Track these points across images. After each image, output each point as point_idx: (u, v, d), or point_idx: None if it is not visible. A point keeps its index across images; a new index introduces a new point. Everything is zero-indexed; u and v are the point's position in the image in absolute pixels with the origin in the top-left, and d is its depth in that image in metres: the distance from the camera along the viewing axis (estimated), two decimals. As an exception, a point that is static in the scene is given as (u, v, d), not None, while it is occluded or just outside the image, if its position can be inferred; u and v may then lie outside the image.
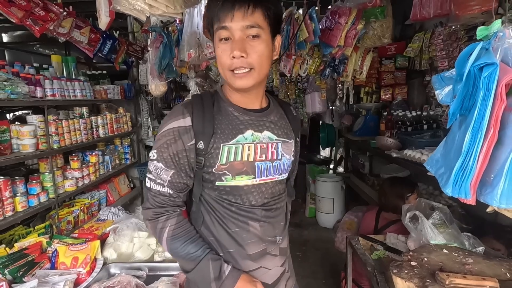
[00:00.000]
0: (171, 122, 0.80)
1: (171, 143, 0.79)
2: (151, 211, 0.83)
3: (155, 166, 0.81)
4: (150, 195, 0.83)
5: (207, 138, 0.79)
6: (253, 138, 0.83)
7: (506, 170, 0.53)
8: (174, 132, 0.79)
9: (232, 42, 0.76)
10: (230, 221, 0.84)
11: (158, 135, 0.82)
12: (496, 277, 0.97)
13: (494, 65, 0.53)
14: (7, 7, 1.49)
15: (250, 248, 0.85)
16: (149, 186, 0.83)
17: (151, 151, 0.83)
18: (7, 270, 1.27)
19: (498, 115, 0.54)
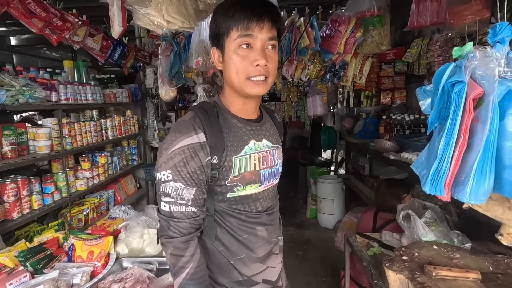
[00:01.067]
0: (183, 139, 0.77)
1: (188, 160, 0.76)
2: (178, 240, 0.77)
3: (173, 187, 0.77)
4: (172, 222, 0.78)
5: (220, 152, 0.79)
6: (256, 147, 0.86)
7: (474, 171, 0.62)
8: (190, 149, 0.76)
9: (254, 51, 0.79)
10: (239, 229, 0.86)
11: (168, 154, 0.77)
12: (480, 270, 1.06)
13: (463, 82, 0.63)
14: (29, 18, 1.60)
15: (259, 251, 0.89)
16: (168, 210, 0.78)
17: (161, 172, 0.77)
18: (29, 263, 1.37)
19: (467, 124, 0.63)
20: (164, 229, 0.80)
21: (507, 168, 0.61)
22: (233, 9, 0.79)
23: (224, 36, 0.81)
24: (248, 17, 0.77)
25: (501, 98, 0.61)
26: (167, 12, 0.87)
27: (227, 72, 0.83)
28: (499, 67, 0.63)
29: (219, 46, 0.84)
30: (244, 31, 0.78)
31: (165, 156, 0.78)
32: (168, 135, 0.80)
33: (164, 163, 0.78)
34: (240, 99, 0.86)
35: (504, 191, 0.63)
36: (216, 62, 0.87)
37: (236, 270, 0.87)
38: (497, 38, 0.68)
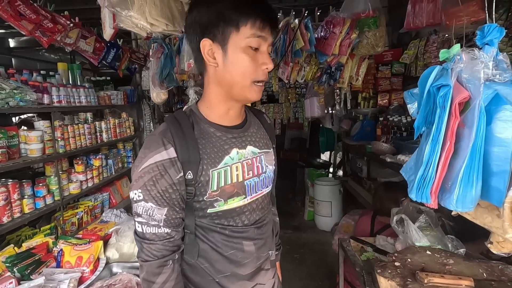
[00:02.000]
0: (152, 156, 0.71)
1: (157, 179, 0.71)
2: (150, 264, 0.73)
3: (144, 208, 0.72)
4: (145, 244, 0.73)
5: (194, 167, 0.73)
6: (238, 156, 0.79)
7: (460, 178, 0.60)
8: (158, 166, 0.71)
9: (262, 53, 0.74)
10: (224, 244, 0.80)
11: (138, 173, 0.72)
12: (474, 276, 1.03)
13: (448, 86, 0.60)
14: (18, 21, 1.59)
15: (246, 268, 0.83)
16: (141, 230, 0.73)
17: (133, 191, 0.73)
18: (16, 268, 1.35)
19: (453, 129, 0.61)
20: (138, 251, 0.76)
21: (494, 175, 0.59)
22: (247, 4, 0.72)
23: (230, 29, 0.71)
24: (264, 17, 0.72)
25: (488, 102, 0.59)
26: (150, 15, 0.86)
27: (229, 71, 0.74)
28: (486, 69, 0.61)
29: (217, 39, 0.73)
30: (259, 31, 0.72)
31: (136, 174, 0.73)
32: (140, 151, 0.75)
33: (135, 182, 0.73)
34: (226, 104, 0.79)
35: (492, 199, 0.61)
36: (206, 57, 0.75)
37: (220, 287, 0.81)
38: (485, 40, 0.65)
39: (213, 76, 0.78)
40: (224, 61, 0.74)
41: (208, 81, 0.80)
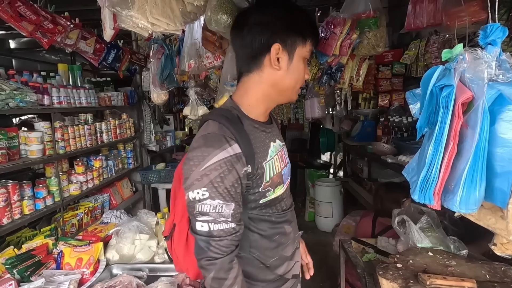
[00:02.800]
0: (217, 153, 0.72)
1: (225, 175, 0.73)
2: (222, 261, 0.73)
3: (212, 205, 0.72)
4: (213, 242, 0.73)
5: (253, 161, 0.78)
6: (275, 149, 0.86)
7: (464, 179, 0.60)
8: (226, 163, 0.72)
9: (306, 65, 0.85)
10: (271, 231, 0.86)
11: (201, 171, 0.72)
12: (476, 278, 1.03)
13: (451, 86, 0.60)
14: (18, 22, 1.58)
15: (289, 249, 0.91)
16: (207, 229, 0.73)
17: (194, 191, 0.73)
18: (16, 270, 1.34)
19: (457, 130, 0.60)
20: (203, 251, 0.74)
21: (498, 176, 0.58)
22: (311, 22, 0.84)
23: (299, 40, 0.80)
24: (317, 36, 0.86)
25: (491, 102, 0.59)
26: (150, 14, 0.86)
27: (289, 77, 0.82)
28: (489, 69, 0.61)
29: (286, 46, 0.80)
30: (312, 47, 0.83)
31: (197, 173, 0.73)
32: (196, 151, 0.75)
33: (197, 181, 0.73)
34: (268, 104, 0.87)
35: (495, 200, 0.60)
36: (273, 60, 0.79)
37: (270, 272, 0.88)
38: (488, 40, 0.65)
39: (268, 78, 0.83)
40: (288, 67, 0.82)
41: (257, 81, 0.83)
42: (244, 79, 0.85)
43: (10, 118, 2.93)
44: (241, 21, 0.84)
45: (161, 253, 1.57)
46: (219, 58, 1.75)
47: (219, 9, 1.13)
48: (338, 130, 4.38)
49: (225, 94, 1.78)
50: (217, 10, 1.13)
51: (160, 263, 1.53)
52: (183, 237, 0.89)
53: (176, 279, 1.33)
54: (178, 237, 0.91)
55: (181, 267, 0.97)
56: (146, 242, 1.64)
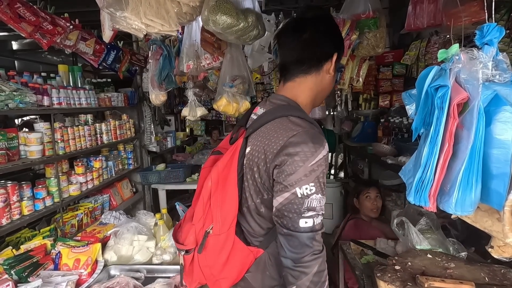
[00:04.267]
0: (322, 150, 0.75)
1: (325, 170, 0.77)
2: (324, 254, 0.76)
3: (317, 199, 0.74)
4: (317, 236, 0.74)
5: None
6: None
7: (459, 181, 0.59)
8: (326, 159, 0.77)
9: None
10: None
11: (310, 166, 0.73)
12: (475, 281, 1.02)
13: (446, 87, 0.59)
14: (18, 23, 1.59)
15: None
16: (312, 224, 0.73)
17: (303, 186, 0.73)
18: (14, 271, 1.34)
19: (452, 131, 0.60)
20: (307, 247, 0.73)
21: (494, 178, 0.58)
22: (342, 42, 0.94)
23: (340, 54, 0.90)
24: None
25: (487, 103, 0.58)
26: (145, 15, 0.85)
27: (331, 82, 0.91)
28: (485, 69, 0.60)
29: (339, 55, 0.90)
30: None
31: (305, 168, 0.73)
32: (301, 146, 0.74)
33: (306, 176, 0.73)
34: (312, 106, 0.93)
35: (491, 202, 0.59)
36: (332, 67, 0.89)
37: None
38: (485, 40, 0.64)
39: (322, 81, 0.90)
40: (334, 75, 0.91)
41: (315, 82, 0.89)
42: (301, 79, 0.89)
43: (12, 119, 2.94)
44: (304, 26, 0.89)
45: (159, 254, 1.56)
46: (217, 59, 1.75)
47: (217, 10, 1.13)
48: (339, 131, 4.37)
49: (223, 95, 1.78)
50: (215, 11, 1.12)
51: (158, 264, 1.53)
52: (228, 246, 0.83)
53: (173, 281, 1.33)
54: (222, 246, 0.83)
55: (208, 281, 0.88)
56: (145, 243, 1.64)
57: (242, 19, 1.15)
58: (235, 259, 0.84)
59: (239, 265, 0.84)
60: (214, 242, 0.83)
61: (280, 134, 0.77)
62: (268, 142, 0.78)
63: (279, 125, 0.80)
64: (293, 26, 0.91)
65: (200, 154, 3.91)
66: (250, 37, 1.24)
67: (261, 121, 0.84)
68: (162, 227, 1.71)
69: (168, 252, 1.57)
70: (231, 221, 0.82)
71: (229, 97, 1.71)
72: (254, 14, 1.20)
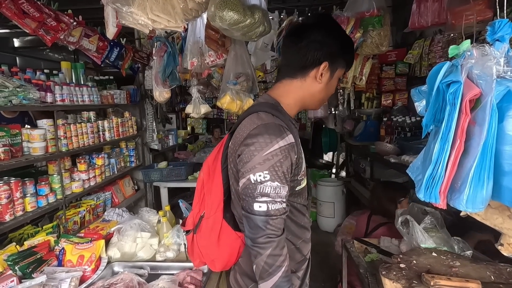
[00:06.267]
0: (278, 141, 0.82)
1: (283, 160, 0.82)
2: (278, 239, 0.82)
3: (271, 186, 0.81)
4: (270, 220, 0.81)
5: (298, 150, 0.89)
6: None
7: (471, 178, 0.58)
8: (285, 150, 0.83)
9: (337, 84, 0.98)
10: (299, 216, 0.98)
11: (264, 156, 0.81)
12: (481, 279, 1.01)
13: (458, 82, 0.59)
14: (22, 19, 1.58)
15: (308, 233, 1.03)
16: (265, 209, 0.81)
17: (256, 174, 0.81)
18: (18, 267, 1.35)
19: (464, 127, 0.59)
20: (260, 229, 0.81)
21: (506, 175, 0.57)
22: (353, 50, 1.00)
23: (342, 66, 0.95)
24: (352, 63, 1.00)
25: (499, 99, 0.57)
26: (151, 11, 0.85)
27: (324, 90, 0.95)
28: (497, 66, 0.59)
29: (332, 66, 0.93)
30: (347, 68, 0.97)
31: (260, 157, 0.82)
32: (257, 137, 0.83)
33: (260, 165, 0.82)
34: (300, 107, 0.99)
35: (503, 199, 0.59)
36: (319, 73, 0.92)
37: (299, 252, 0.98)
38: (496, 36, 0.64)
39: (309, 87, 0.95)
40: (327, 84, 0.95)
41: (299, 87, 0.95)
42: (287, 81, 0.96)
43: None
44: (300, 33, 0.94)
45: (162, 251, 1.56)
46: (221, 57, 1.75)
47: (224, 6, 1.12)
48: (341, 129, 4.37)
49: (227, 93, 1.77)
50: (222, 7, 1.12)
51: (161, 261, 1.53)
52: (216, 228, 0.94)
53: (177, 278, 1.33)
54: (211, 228, 0.95)
55: (206, 260, 1.01)
56: (148, 240, 1.64)
57: (249, 15, 1.14)
58: (225, 242, 0.95)
59: (228, 248, 0.95)
60: (205, 225, 0.96)
61: (246, 128, 0.87)
62: (237, 135, 0.89)
63: (249, 120, 0.89)
64: (291, 31, 0.99)
65: (201, 152, 3.91)
66: (256, 34, 1.24)
67: (242, 117, 0.94)
68: (165, 224, 1.71)
69: (171, 249, 1.57)
70: (217, 206, 0.94)
71: (233, 94, 1.71)
72: (261, 11, 1.19)
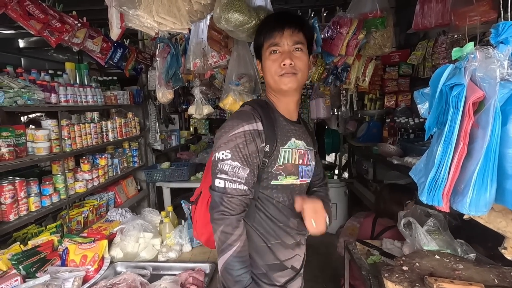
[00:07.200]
0: (244, 125, 0.88)
1: (247, 143, 0.87)
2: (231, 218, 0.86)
3: (231, 165, 0.87)
4: (225, 197, 0.87)
5: (272, 142, 0.91)
6: (295, 145, 0.98)
7: (474, 181, 0.58)
8: (250, 134, 0.88)
9: (281, 54, 0.94)
10: (277, 216, 0.97)
11: (229, 137, 0.88)
12: (484, 283, 1.01)
13: (462, 85, 0.59)
14: (27, 20, 1.60)
15: (290, 239, 1.00)
16: (223, 186, 0.87)
17: (220, 152, 0.88)
18: (22, 266, 1.36)
19: (467, 130, 0.59)
20: (217, 205, 0.88)
21: (510, 178, 0.57)
22: (263, 26, 1.01)
23: (261, 48, 0.99)
24: (271, 29, 0.95)
25: (503, 102, 0.57)
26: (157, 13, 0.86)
27: (265, 76, 0.99)
28: (501, 68, 0.59)
29: (259, 58, 1.02)
30: (272, 40, 0.95)
31: (226, 138, 0.89)
32: (228, 122, 0.91)
33: (224, 144, 0.88)
34: (283, 100, 1.00)
35: (507, 202, 0.58)
36: (260, 71, 1.03)
37: (272, 254, 0.97)
38: (500, 38, 0.63)
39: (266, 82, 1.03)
40: (263, 70, 1.01)
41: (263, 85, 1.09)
42: None
43: (18, 116, 2.96)
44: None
45: (164, 252, 1.57)
46: (224, 58, 1.75)
47: (230, 7, 1.12)
48: (343, 131, 4.36)
49: (230, 93, 1.78)
50: (228, 8, 1.12)
51: (163, 262, 1.53)
52: (205, 202, 1.02)
53: (179, 278, 1.33)
54: (202, 202, 1.05)
55: (197, 232, 1.10)
56: (150, 240, 1.64)
57: (254, 16, 1.15)
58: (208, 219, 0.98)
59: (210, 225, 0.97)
60: (201, 197, 1.07)
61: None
62: None
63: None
64: None
65: (204, 152, 3.92)
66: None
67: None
68: (168, 225, 1.71)
69: (174, 250, 1.58)
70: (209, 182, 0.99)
71: (236, 95, 1.71)
72: (266, 12, 1.20)
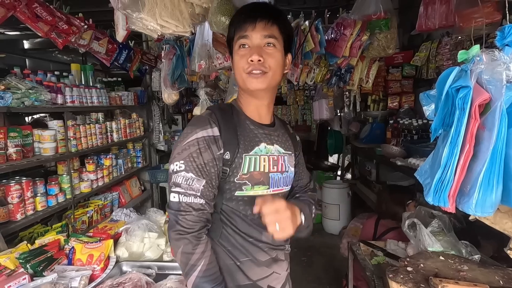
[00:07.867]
0: (198, 132, 0.80)
1: (201, 152, 0.79)
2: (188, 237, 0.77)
3: (185, 177, 0.78)
4: (180, 216, 0.77)
5: (233, 149, 0.82)
6: (266, 150, 0.88)
7: (480, 182, 0.59)
8: (204, 141, 0.79)
9: (250, 49, 0.84)
10: (246, 231, 0.86)
11: (183, 146, 0.80)
12: (489, 284, 1.01)
13: (468, 87, 0.59)
14: (35, 22, 1.62)
15: (264, 256, 0.89)
16: (177, 200, 0.78)
17: (174, 163, 0.79)
18: (29, 265, 1.37)
19: (473, 132, 0.60)
20: (173, 224, 0.79)
21: (515, 179, 0.57)
22: (234, 17, 0.90)
23: (231, 42, 0.89)
24: (242, 20, 0.85)
25: (509, 104, 0.58)
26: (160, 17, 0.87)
27: (235, 73, 0.88)
28: (507, 71, 0.60)
29: (230, 52, 0.91)
30: (242, 33, 0.84)
31: (180, 147, 0.81)
32: (184, 130, 0.84)
33: (178, 154, 0.80)
34: (252, 101, 0.90)
35: (512, 203, 0.59)
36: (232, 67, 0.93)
37: (242, 273, 0.86)
38: (505, 41, 0.64)
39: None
40: (232, 66, 0.90)
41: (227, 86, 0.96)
42: None
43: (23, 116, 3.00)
44: None
45: (169, 252, 1.58)
46: (229, 59, 1.77)
47: (218, 11, 1.13)
48: (346, 132, 4.36)
49: (234, 95, 1.79)
50: (216, 12, 1.13)
51: (168, 262, 1.55)
52: None
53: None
54: None
55: None
56: (155, 240, 1.66)
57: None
58: None
59: None
60: None
61: None
62: None
63: None
64: None
65: (207, 153, 3.92)
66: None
67: None
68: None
69: (179, 250, 1.59)
70: None
71: (240, 96, 1.72)
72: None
